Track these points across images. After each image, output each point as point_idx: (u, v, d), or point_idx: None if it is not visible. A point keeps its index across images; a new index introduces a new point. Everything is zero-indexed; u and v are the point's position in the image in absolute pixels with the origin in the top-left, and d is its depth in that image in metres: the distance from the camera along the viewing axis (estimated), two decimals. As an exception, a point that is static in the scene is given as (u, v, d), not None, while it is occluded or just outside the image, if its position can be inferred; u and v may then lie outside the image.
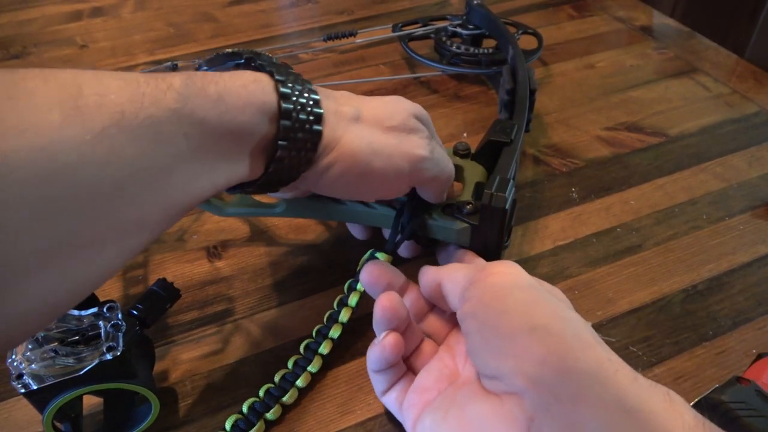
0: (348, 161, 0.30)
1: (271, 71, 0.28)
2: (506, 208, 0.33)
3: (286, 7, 0.77)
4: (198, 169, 0.24)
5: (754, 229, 0.44)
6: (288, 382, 0.33)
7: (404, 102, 0.34)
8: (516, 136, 0.39)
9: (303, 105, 0.28)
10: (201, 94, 0.24)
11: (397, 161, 0.31)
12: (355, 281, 0.36)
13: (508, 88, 0.47)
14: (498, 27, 0.57)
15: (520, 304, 0.26)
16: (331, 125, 0.29)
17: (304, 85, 0.29)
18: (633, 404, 0.23)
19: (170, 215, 0.25)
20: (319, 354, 0.34)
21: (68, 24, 0.73)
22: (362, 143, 0.30)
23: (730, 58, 0.64)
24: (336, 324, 0.35)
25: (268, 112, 0.27)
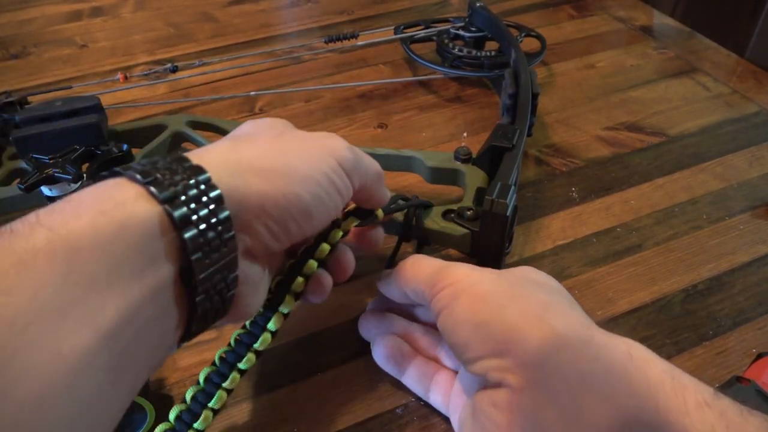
0: (266, 198, 0.24)
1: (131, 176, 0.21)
2: (507, 214, 0.33)
3: (286, 7, 0.77)
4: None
5: (754, 229, 0.44)
6: (244, 345, 0.30)
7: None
8: (518, 142, 0.39)
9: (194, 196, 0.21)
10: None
11: (320, 158, 0.26)
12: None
13: (510, 92, 0.46)
14: (500, 29, 0.57)
15: (465, 307, 0.27)
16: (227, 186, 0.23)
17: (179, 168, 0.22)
18: (587, 368, 0.23)
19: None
20: (278, 312, 0.30)
21: (68, 24, 0.73)
22: (266, 159, 0.25)
23: (730, 58, 0.64)
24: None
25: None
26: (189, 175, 0.21)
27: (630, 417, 0.23)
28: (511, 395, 0.25)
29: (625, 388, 0.23)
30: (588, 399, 0.23)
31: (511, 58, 0.52)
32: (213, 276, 0.22)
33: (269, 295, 0.30)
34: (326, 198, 0.26)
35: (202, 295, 0.21)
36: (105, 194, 0.20)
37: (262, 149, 0.26)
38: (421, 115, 0.56)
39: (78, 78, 0.63)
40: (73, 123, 0.39)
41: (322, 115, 0.56)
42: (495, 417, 0.25)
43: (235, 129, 0.30)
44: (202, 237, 0.21)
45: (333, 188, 0.26)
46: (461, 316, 0.27)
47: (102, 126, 0.40)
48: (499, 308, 0.26)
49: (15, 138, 0.38)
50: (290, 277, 0.30)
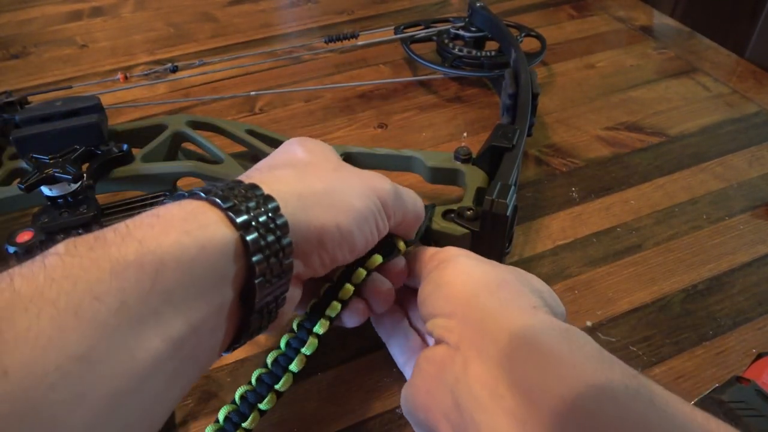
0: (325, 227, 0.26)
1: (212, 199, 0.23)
2: (507, 214, 0.33)
3: (286, 7, 0.77)
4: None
5: (754, 229, 0.44)
6: (280, 366, 0.30)
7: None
8: (518, 142, 0.39)
9: (265, 225, 0.23)
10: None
11: (370, 199, 0.28)
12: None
13: (510, 92, 0.46)
14: (500, 29, 0.57)
15: (438, 272, 0.29)
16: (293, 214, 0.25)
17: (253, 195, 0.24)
18: (522, 333, 0.24)
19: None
20: (314, 333, 0.30)
21: (68, 24, 0.73)
22: (318, 197, 0.26)
23: (730, 58, 0.64)
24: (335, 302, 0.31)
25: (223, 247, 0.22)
26: (261, 203, 0.23)
27: (553, 379, 0.22)
28: (446, 350, 0.25)
29: (556, 356, 0.22)
30: (516, 362, 0.23)
31: (511, 58, 0.52)
32: (269, 297, 0.24)
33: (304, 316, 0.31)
34: (368, 233, 0.28)
35: (257, 314, 0.24)
36: (190, 215, 0.22)
37: (324, 184, 0.27)
38: (421, 115, 0.56)
39: (78, 78, 0.63)
40: (73, 123, 0.39)
41: (322, 115, 0.56)
42: (425, 368, 0.26)
43: (287, 148, 0.31)
44: (266, 262, 0.23)
45: (374, 225, 0.28)
46: (432, 278, 0.29)
47: (102, 126, 0.40)
48: (462, 275, 0.28)
49: (15, 138, 0.38)
50: (325, 302, 0.31)
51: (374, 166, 0.43)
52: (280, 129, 0.55)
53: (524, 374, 0.22)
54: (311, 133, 0.54)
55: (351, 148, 0.42)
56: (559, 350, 0.22)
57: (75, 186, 0.37)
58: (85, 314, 0.18)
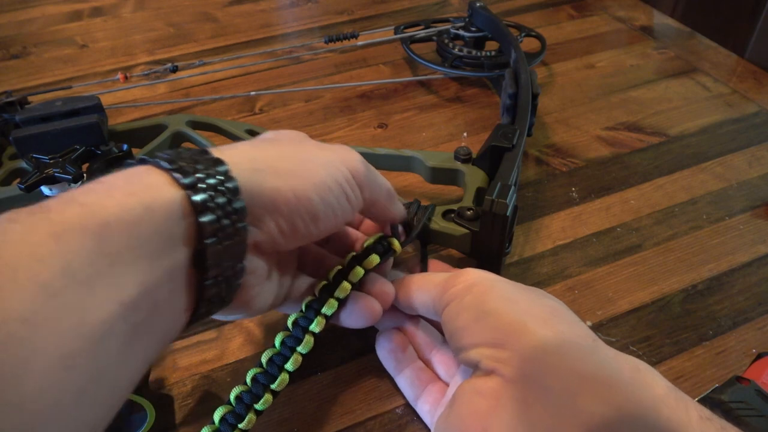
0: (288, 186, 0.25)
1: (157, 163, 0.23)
2: (507, 214, 0.33)
3: (286, 7, 0.77)
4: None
5: (754, 229, 0.44)
6: (276, 366, 0.30)
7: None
8: (518, 142, 0.39)
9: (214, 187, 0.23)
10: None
11: (335, 167, 0.28)
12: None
13: (510, 92, 0.46)
14: (501, 30, 0.57)
15: (474, 296, 0.28)
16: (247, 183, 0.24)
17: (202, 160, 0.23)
18: (590, 371, 0.23)
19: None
20: (309, 332, 0.30)
21: (68, 24, 0.73)
22: (291, 164, 0.26)
23: (730, 58, 0.64)
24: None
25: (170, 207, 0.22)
26: (210, 165, 0.23)
27: (629, 422, 0.23)
28: (501, 385, 0.25)
29: (629, 393, 0.23)
30: (585, 399, 0.23)
31: (512, 58, 0.52)
32: (223, 262, 0.23)
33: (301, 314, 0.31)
34: (336, 204, 0.27)
35: (212, 280, 0.23)
36: (135, 178, 0.22)
37: (281, 151, 0.27)
38: (421, 115, 0.56)
39: (78, 78, 0.63)
40: (73, 123, 0.39)
41: (322, 115, 0.56)
42: (477, 403, 0.25)
43: (260, 135, 0.31)
44: (217, 223, 0.22)
45: (343, 197, 0.28)
46: (468, 304, 0.28)
47: (102, 126, 0.40)
48: (507, 302, 0.27)
49: (15, 138, 0.38)
50: (321, 300, 0.31)
51: (374, 165, 0.42)
52: (280, 129, 0.54)
53: (598, 417, 0.23)
54: (311, 133, 0.53)
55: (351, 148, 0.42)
56: (629, 391, 0.23)
57: (75, 186, 0.37)
58: (25, 277, 0.17)
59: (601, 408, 0.23)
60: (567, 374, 0.24)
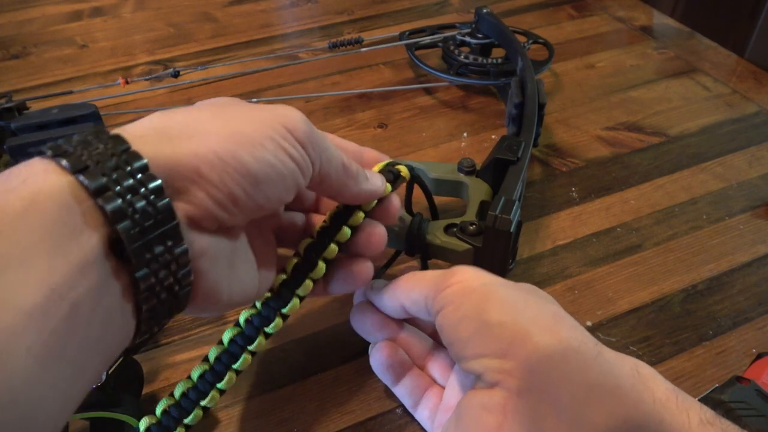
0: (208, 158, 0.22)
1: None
2: (511, 231, 0.32)
3: (286, 7, 0.77)
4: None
5: (754, 229, 0.44)
6: (238, 345, 0.28)
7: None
8: (523, 154, 0.38)
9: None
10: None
11: (266, 122, 0.24)
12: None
13: (516, 101, 0.45)
14: (507, 37, 0.56)
15: (473, 304, 0.26)
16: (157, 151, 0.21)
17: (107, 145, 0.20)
18: (595, 379, 0.23)
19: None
20: (282, 314, 0.29)
21: (68, 24, 0.73)
22: (213, 128, 0.23)
23: (730, 58, 0.64)
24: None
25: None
26: (107, 145, 0.20)
27: (634, 430, 0.23)
28: (507, 398, 0.24)
29: (632, 402, 0.23)
30: (594, 410, 0.23)
31: (518, 66, 0.51)
32: (152, 247, 0.20)
33: (285, 277, 0.29)
34: (277, 163, 0.23)
35: (144, 270, 0.20)
36: (12, 174, 0.19)
37: (197, 114, 0.24)
38: (421, 115, 0.56)
39: (78, 78, 0.63)
40: (68, 132, 0.39)
41: (322, 115, 0.56)
42: (485, 419, 0.24)
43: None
44: (129, 206, 0.19)
45: (284, 154, 0.24)
46: (468, 312, 0.26)
47: None
48: (509, 309, 0.26)
49: (10, 146, 0.38)
50: (307, 263, 0.29)
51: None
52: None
53: (606, 429, 0.23)
54: (311, 133, 0.54)
55: None
56: (632, 399, 0.23)
57: None
58: None
59: (609, 420, 0.23)
60: (574, 385, 0.23)
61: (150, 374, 0.35)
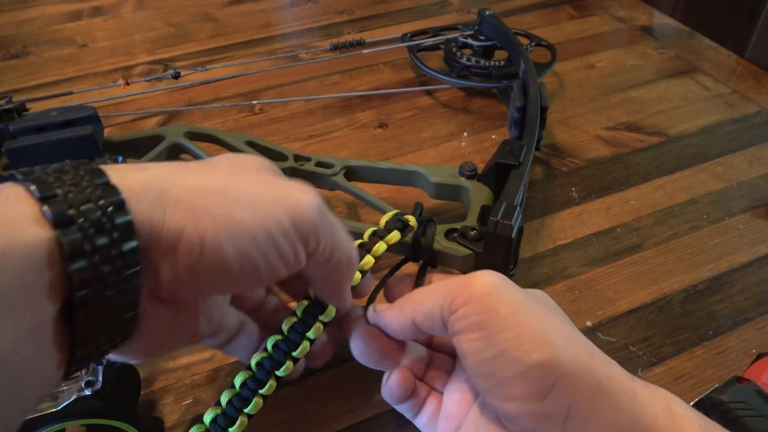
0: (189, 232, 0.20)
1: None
2: (512, 236, 0.32)
3: (286, 6, 0.77)
4: None
5: (754, 229, 0.44)
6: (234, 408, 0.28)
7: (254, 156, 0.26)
8: (525, 159, 0.37)
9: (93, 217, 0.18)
10: None
11: (270, 211, 0.22)
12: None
13: (518, 105, 0.45)
14: (510, 39, 0.55)
15: (507, 338, 0.24)
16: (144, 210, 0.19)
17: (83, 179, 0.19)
18: (629, 424, 0.23)
19: None
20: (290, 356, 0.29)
21: (68, 23, 0.73)
22: (206, 199, 0.21)
23: (730, 58, 0.64)
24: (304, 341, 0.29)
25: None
26: (99, 194, 0.18)
27: None
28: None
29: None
30: None
31: (520, 69, 0.51)
32: (101, 315, 0.19)
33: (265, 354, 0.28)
34: (259, 260, 0.21)
35: (91, 345, 0.19)
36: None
37: (204, 182, 0.21)
38: (421, 114, 0.56)
39: (78, 78, 0.63)
40: (67, 134, 0.38)
41: (322, 115, 0.56)
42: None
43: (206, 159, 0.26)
44: (92, 271, 0.18)
45: (273, 252, 0.22)
46: (501, 347, 0.23)
47: (97, 137, 0.39)
48: (549, 347, 0.23)
49: (8, 149, 0.37)
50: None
51: (376, 180, 0.42)
52: (280, 129, 0.55)
53: None
54: (311, 133, 0.54)
55: (352, 162, 0.41)
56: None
57: None
58: None
59: None
60: (609, 429, 0.23)
61: (147, 380, 0.35)
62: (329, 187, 0.41)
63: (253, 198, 0.22)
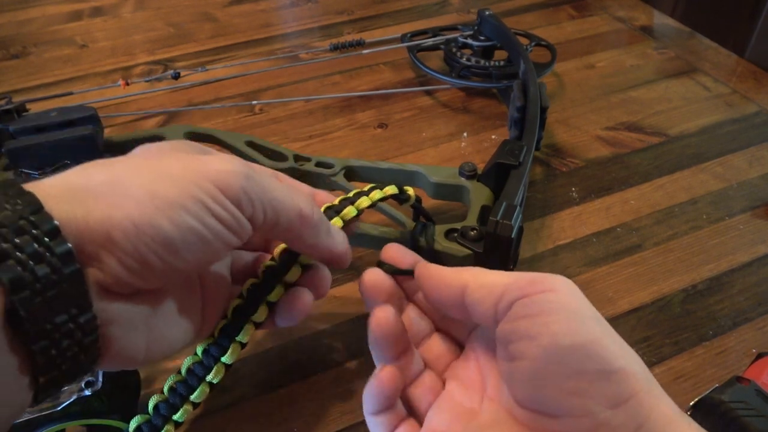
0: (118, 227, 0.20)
1: None
2: (512, 236, 0.32)
3: (286, 7, 0.77)
4: None
5: (754, 229, 0.44)
6: (178, 395, 0.28)
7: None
8: (525, 159, 0.38)
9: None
10: None
11: (192, 181, 0.22)
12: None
13: (518, 105, 0.45)
14: (510, 39, 0.55)
15: (590, 337, 0.23)
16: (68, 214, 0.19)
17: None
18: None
19: None
20: (221, 362, 0.28)
21: (68, 24, 0.73)
22: (127, 183, 0.21)
23: (730, 58, 0.64)
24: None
25: None
26: (15, 207, 0.19)
27: None
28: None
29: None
30: None
31: (520, 69, 0.51)
32: (52, 317, 0.19)
33: (226, 321, 0.28)
34: (199, 227, 0.22)
35: (44, 341, 0.19)
36: None
37: (121, 172, 0.22)
38: (421, 114, 0.56)
39: (78, 78, 0.63)
40: (67, 135, 0.38)
41: (322, 115, 0.56)
42: None
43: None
44: (30, 273, 0.18)
45: (209, 216, 0.22)
46: (589, 340, 0.23)
47: (97, 138, 0.39)
48: (621, 354, 0.23)
49: (8, 149, 0.37)
50: (235, 326, 0.28)
51: (376, 180, 0.42)
52: (280, 129, 0.55)
53: None
54: (311, 133, 0.54)
55: (352, 162, 0.41)
56: None
57: None
58: None
59: None
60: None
61: (147, 380, 0.35)
62: (329, 188, 0.41)
63: (172, 172, 0.22)
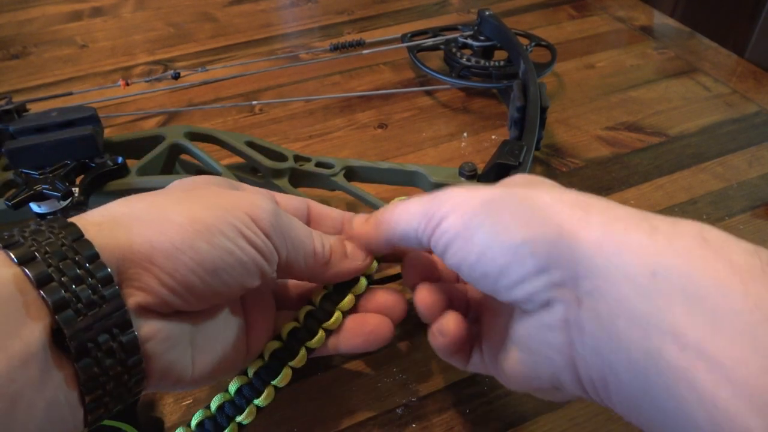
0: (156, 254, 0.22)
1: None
2: None
3: (286, 7, 0.77)
4: None
5: (754, 229, 0.44)
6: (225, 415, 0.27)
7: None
8: (525, 159, 0.38)
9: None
10: None
11: (228, 209, 0.24)
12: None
13: (518, 105, 0.45)
14: (510, 39, 0.55)
15: (486, 232, 0.23)
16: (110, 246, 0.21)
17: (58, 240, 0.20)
18: (654, 267, 0.20)
19: None
20: (271, 385, 0.28)
21: (68, 24, 0.73)
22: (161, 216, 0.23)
23: (730, 58, 0.64)
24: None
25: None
26: (58, 235, 0.20)
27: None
28: (567, 311, 0.21)
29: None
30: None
31: (520, 69, 0.51)
32: (95, 336, 0.20)
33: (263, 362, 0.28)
34: (236, 250, 0.23)
35: (86, 359, 0.20)
36: None
37: (160, 200, 0.24)
38: (421, 115, 0.56)
39: (78, 78, 0.63)
40: (67, 135, 0.38)
41: (322, 115, 0.56)
42: (550, 339, 0.22)
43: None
44: (72, 295, 0.19)
45: (244, 241, 0.23)
46: (487, 240, 0.23)
47: (97, 138, 0.39)
48: (529, 218, 0.22)
49: (8, 150, 0.37)
50: (290, 350, 0.28)
51: (376, 180, 0.42)
52: (280, 129, 0.55)
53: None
54: (311, 133, 0.54)
55: (352, 162, 0.41)
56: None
57: (64, 203, 0.36)
58: None
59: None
60: (630, 276, 0.20)
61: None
62: (329, 188, 0.42)
63: (209, 202, 0.24)
